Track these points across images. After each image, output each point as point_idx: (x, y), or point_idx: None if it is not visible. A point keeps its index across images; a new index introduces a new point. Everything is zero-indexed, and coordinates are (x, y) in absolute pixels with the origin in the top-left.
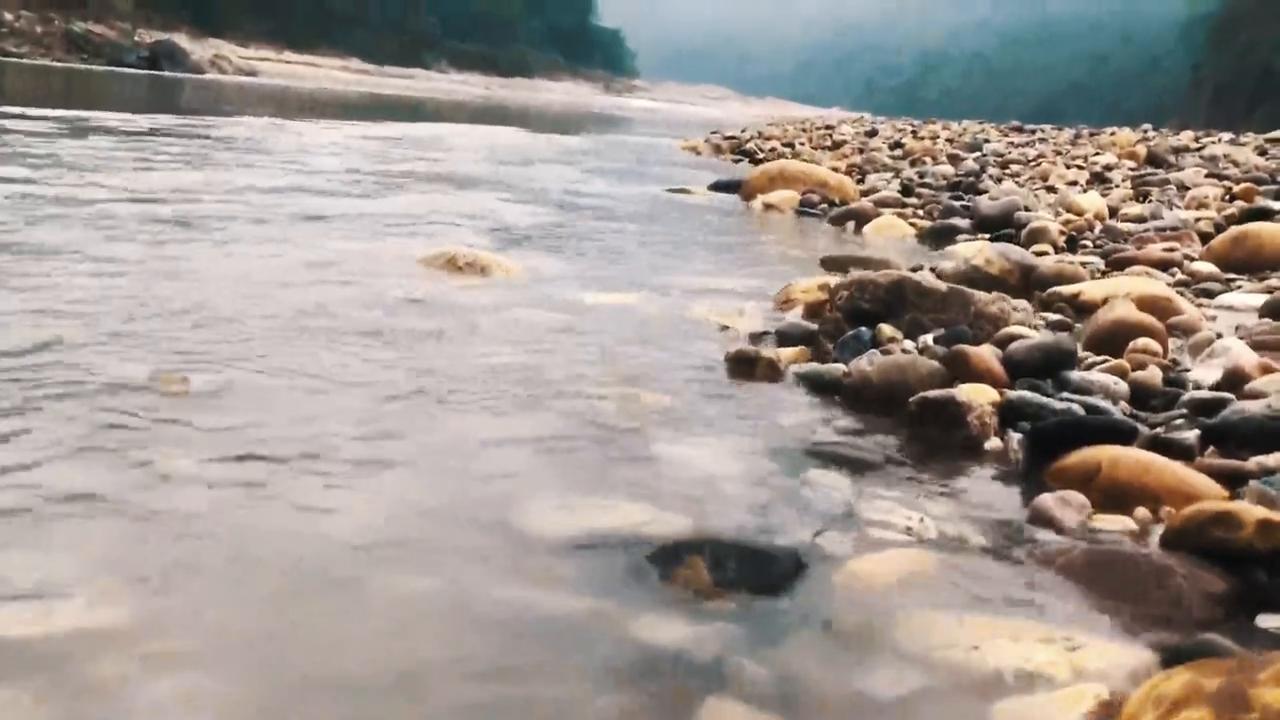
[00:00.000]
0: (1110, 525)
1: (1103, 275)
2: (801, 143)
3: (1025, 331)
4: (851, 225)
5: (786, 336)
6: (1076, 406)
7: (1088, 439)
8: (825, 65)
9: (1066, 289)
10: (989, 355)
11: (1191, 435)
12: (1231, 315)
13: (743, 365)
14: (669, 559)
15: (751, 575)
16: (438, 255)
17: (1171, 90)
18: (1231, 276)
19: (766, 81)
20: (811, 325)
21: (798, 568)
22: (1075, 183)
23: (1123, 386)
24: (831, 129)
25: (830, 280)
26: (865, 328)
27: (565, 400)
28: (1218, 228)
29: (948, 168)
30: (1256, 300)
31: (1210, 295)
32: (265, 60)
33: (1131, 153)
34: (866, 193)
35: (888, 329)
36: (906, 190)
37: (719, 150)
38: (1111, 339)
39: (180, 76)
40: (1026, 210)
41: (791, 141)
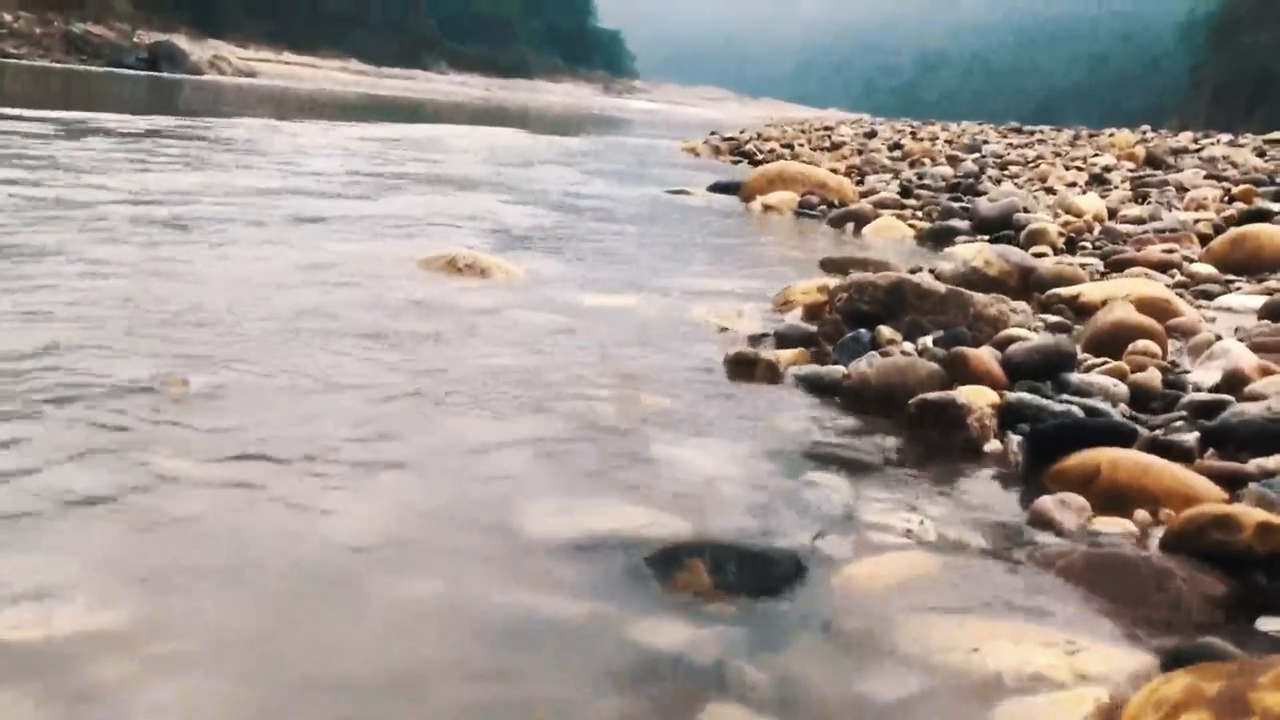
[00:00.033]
0: (1110, 528)
1: (1102, 277)
2: (800, 144)
3: (1024, 333)
4: (851, 227)
5: (786, 338)
6: (1076, 409)
7: (1087, 441)
8: (825, 66)
9: (1066, 291)
10: (988, 357)
11: (1191, 437)
12: (1230, 317)
13: (742, 367)
14: (669, 562)
15: (751, 578)
16: (437, 257)
17: (1171, 91)
18: (1230, 278)
19: (766, 82)
20: (811, 327)
21: (798, 570)
22: (1074, 184)
23: (1122, 388)
24: (830, 130)
25: (829, 282)
26: (864, 329)
27: (565, 402)
28: (1217, 229)
29: (947, 169)
30: (1255, 302)
31: (1209, 297)
32: (264, 61)
33: (1130, 154)
34: (865, 194)
35: (887, 331)
36: (905, 192)
37: (718, 151)
38: (1111, 341)
39: (179, 78)
40: (1025, 212)
41: (790, 143)
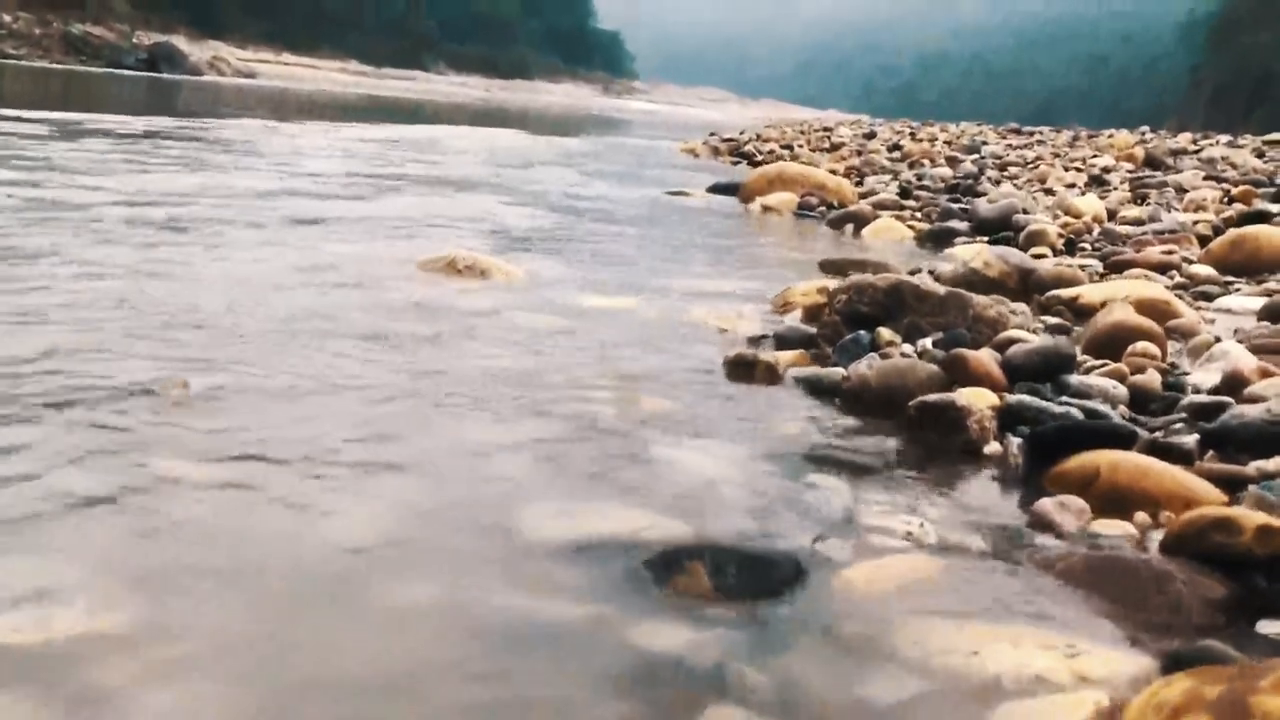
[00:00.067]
0: (1110, 530)
1: (1101, 278)
2: (800, 145)
3: (1024, 335)
4: (850, 228)
5: (785, 340)
6: (1075, 411)
7: (1087, 444)
8: (825, 67)
9: (1065, 292)
10: (988, 359)
11: (1190, 440)
12: (1230, 318)
13: (741, 369)
14: (669, 564)
15: (751, 581)
16: (437, 258)
17: (1171, 91)
18: (1230, 279)
19: (766, 83)
20: (810, 329)
21: (798, 573)
22: (1073, 185)
23: (1121, 390)
24: (829, 131)
25: (829, 283)
26: (864, 331)
27: (564, 404)
28: (1216, 230)
29: (946, 170)
30: (1255, 303)
31: (1209, 298)
32: (264, 62)
33: (1130, 155)
34: (865, 195)
35: (886, 332)
36: (905, 193)
37: (717, 152)
38: (1110, 342)
39: (178, 78)
40: (1025, 213)
41: (790, 144)
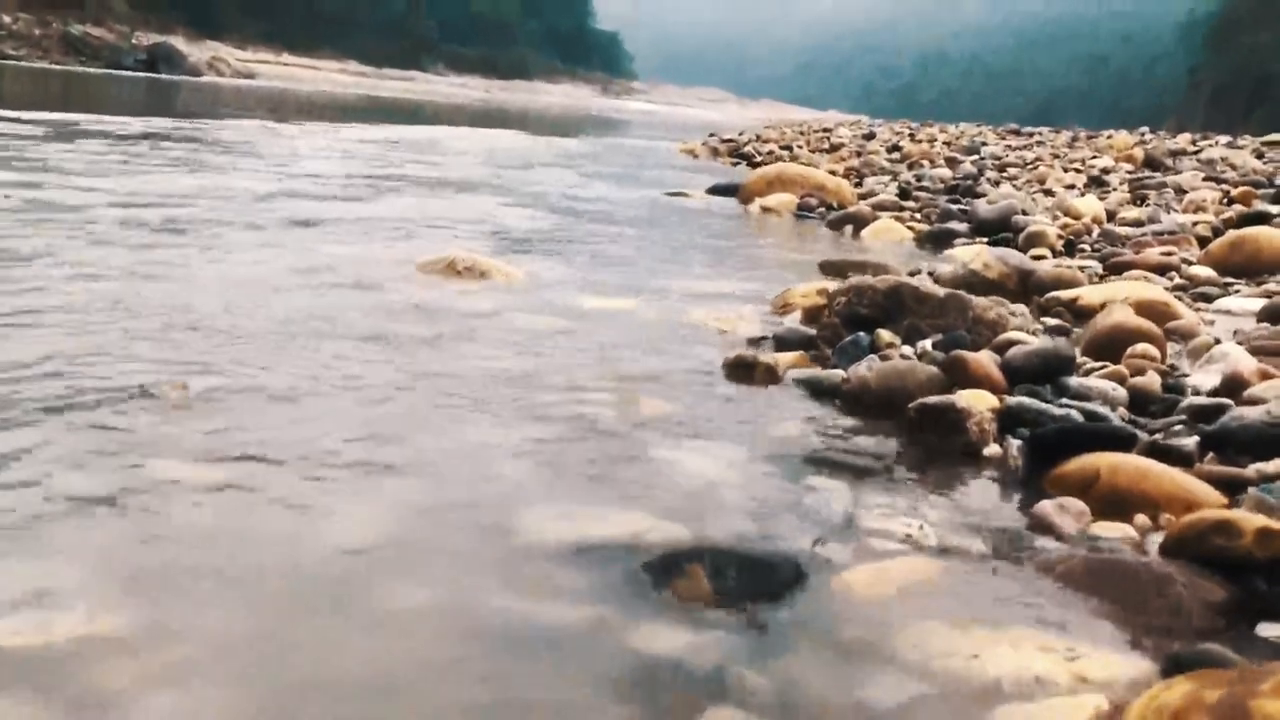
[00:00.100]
0: (1109, 533)
1: (1101, 279)
2: (799, 145)
3: (1023, 337)
4: (849, 229)
5: (785, 341)
6: (1075, 413)
7: (1086, 446)
8: (824, 67)
9: (1065, 293)
10: (987, 361)
11: (1190, 442)
12: (1229, 320)
13: (741, 370)
14: (668, 567)
15: (751, 584)
16: (437, 260)
17: (1171, 91)
18: (1229, 281)
19: (765, 83)
20: (810, 330)
21: (797, 576)
22: (1073, 186)
23: (1121, 392)
24: (829, 132)
25: (829, 285)
26: (863, 333)
27: (564, 405)
28: (1215, 232)
29: (945, 171)
30: (1254, 305)
31: (1208, 300)
32: (263, 63)
33: (1129, 156)
34: (864, 196)
35: (886, 334)
36: (904, 194)
37: (717, 153)
38: (1110, 344)
39: (178, 79)
40: (1024, 214)
41: (789, 144)
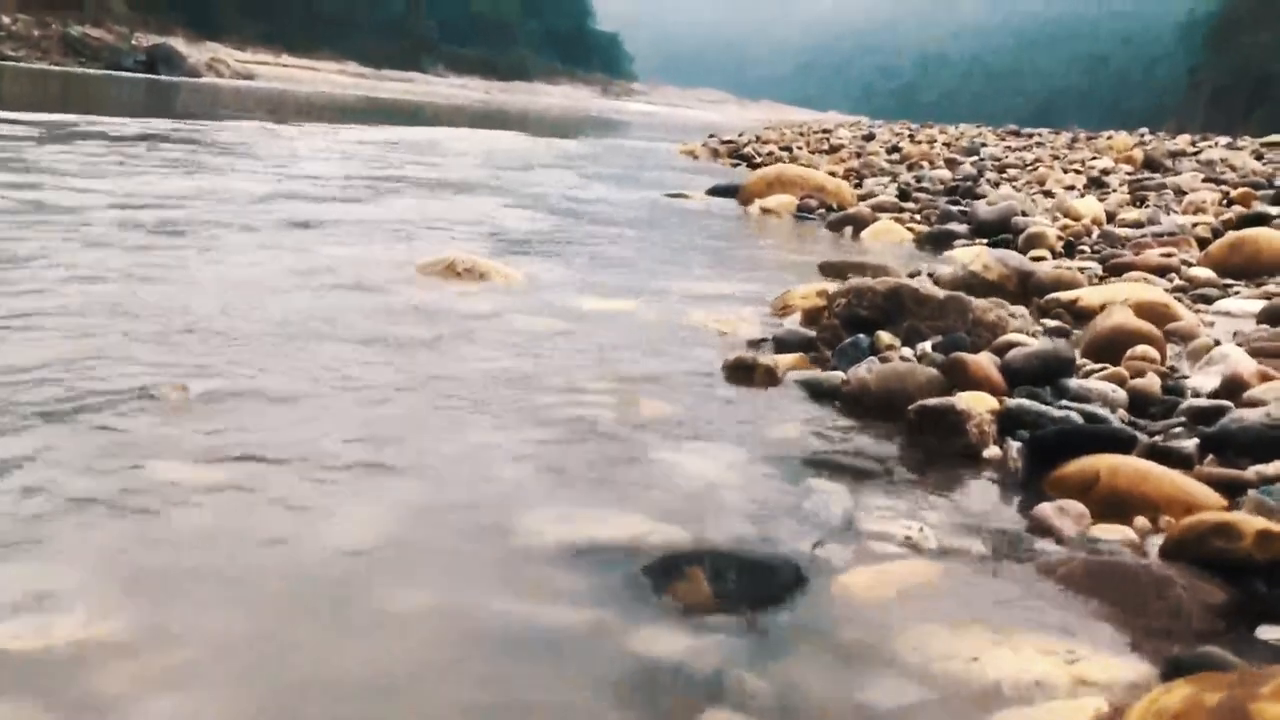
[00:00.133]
0: (1109, 535)
1: (1100, 281)
2: (799, 146)
3: (1023, 339)
4: (849, 230)
5: (784, 343)
6: (1075, 415)
7: (1086, 448)
8: (824, 68)
9: (1064, 295)
10: (987, 363)
11: (1190, 444)
12: (1229, 321)
13: (741, 372)
14: (668, 570)
15: (751, 587)
16: (436, 261)
17: (1171, 92)
18: (1229, 282)
19: (765, 84)
20: (809, 332)
21: (797, 579)
22: (1072, 187)
23: (1121, 394)
24: (829, 133)
25: (828, 286)
26: (863, 335)
27: (563, 407)
28: (1215, 233)
29: (945, 172)
30: (1254, 306)
31: (1208, 301)
32: (263, 64)
33: (1128, 157)
34: (864, 197)
35: (886, 336)
36: (904, 195)
37: (716, 154)
38: (1110, 346)
39: (177, 80)
40: (1024, 215)
41: (789, 145)
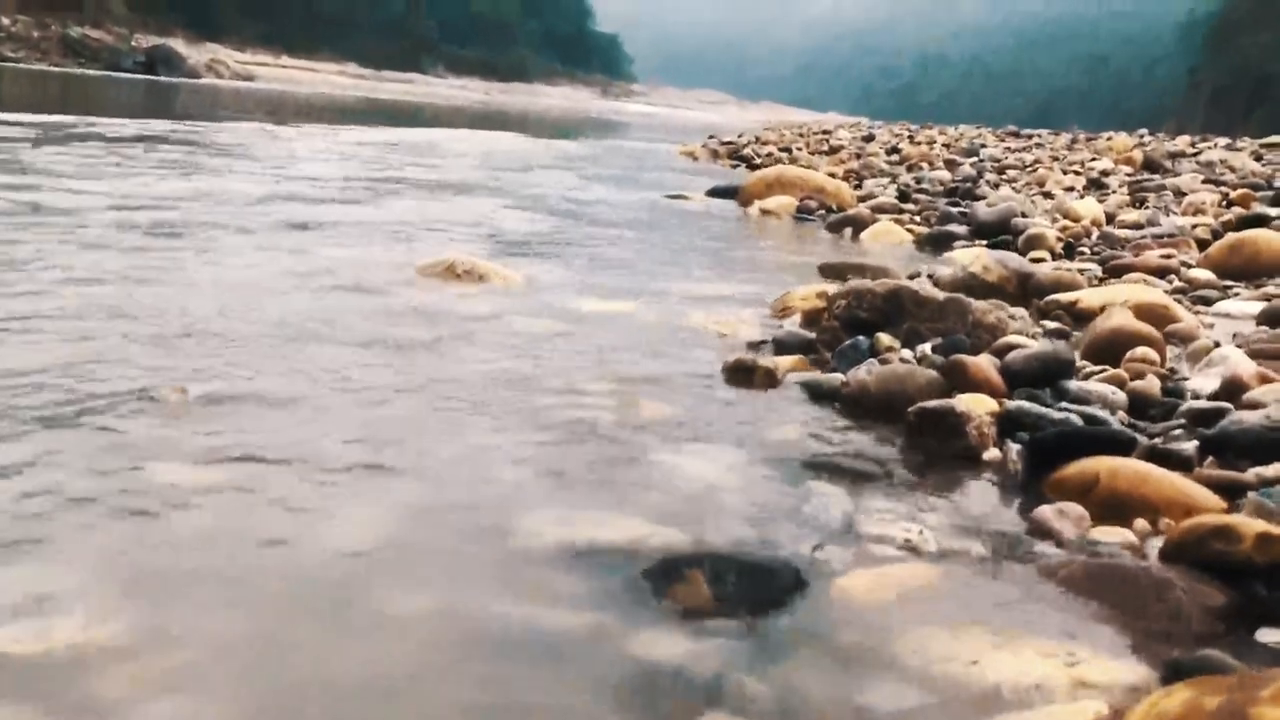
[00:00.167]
0: (1109, 537)
1: (1100, 282)
2: (798, 148)
3: (1023, 341)
4: (849, 231)
5: (784, 345)
6: (1075, 417)
7: (1086, 450)
8: (824, 69)
9: (1064, 296)
10: (987, 365)
11: (1190, 446)
12: (1229, 323)
13: (740, 374)
14: (668, 573)
15: (751, 590)
16: (436, 263)
17: (1171, 92)
18: (1229, 283)
19: (765, 85)
20: (809, 334)
21: (797, 582)
22: (1072, 189)
23: (1121, 396)
24: (828, 134)
25: (828, 288)
26: (863, 336)
27: (563, 409)
28: (1215, 234)
29: (944, 173)
30: (1253, 308)
31: (1207, 303)
32: (262, 65)
33: (1128, 158)
34: (864, 198)
35: (885, 338)
36: (903, 196)
37: (716, 155)
38: (1109, 347)
39: (177, 81)
40: (1024, 216)
41: (789, 146)
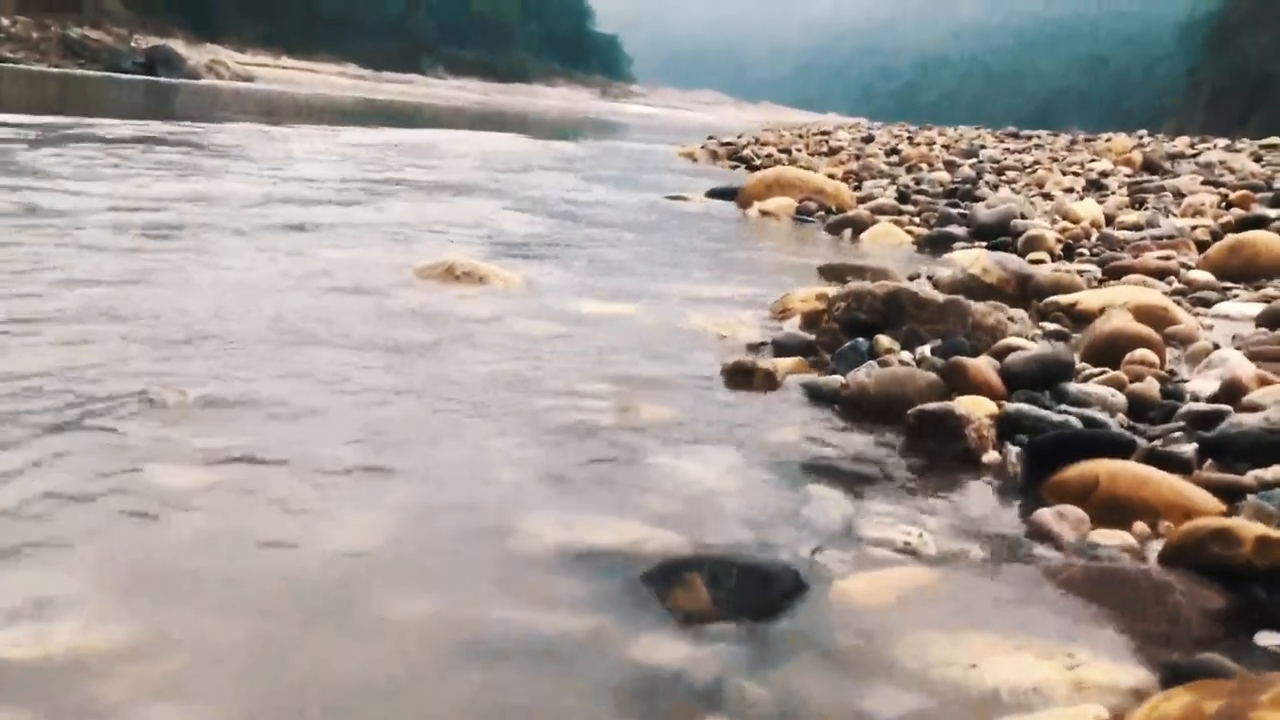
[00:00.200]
0: (1108, 540)
1: (1099, 284)
2: (798, 149)
3: (1023, 343)
4: (849, 233)
5: (784, 347)
6: (1074, 419)
7: (1086, 452)
8: (824, 69)
9: (1064, 298)
10: (986, 367)
11: (1189, 449)
12: (1228, 324)
13: (740, 376)
14: (667, 577)
15: (750, 593)
16: (435, 264)
17: (1170, 93)
18: (1228, 285)
19: (764, 86)
20: (809, 336)
21: (796, 585)
22: (1071, 190)
23: (1120, 399)
24: (828, 135)
25: (828, 289)
26: (863, 338)
27: (562, 411)
28: (1214, 236)
29: (944, 174)
30: (1253, 309)
31: (1207, 304)
32: (262, 66)
33: (1127, 159)
34: (863, 200)
35: (885, 340)
36: (903, 197)
37: (716, 156)
38: (1109, 349)
39: (177, 82)
40: (1023, 218)
41: (788, 148)
